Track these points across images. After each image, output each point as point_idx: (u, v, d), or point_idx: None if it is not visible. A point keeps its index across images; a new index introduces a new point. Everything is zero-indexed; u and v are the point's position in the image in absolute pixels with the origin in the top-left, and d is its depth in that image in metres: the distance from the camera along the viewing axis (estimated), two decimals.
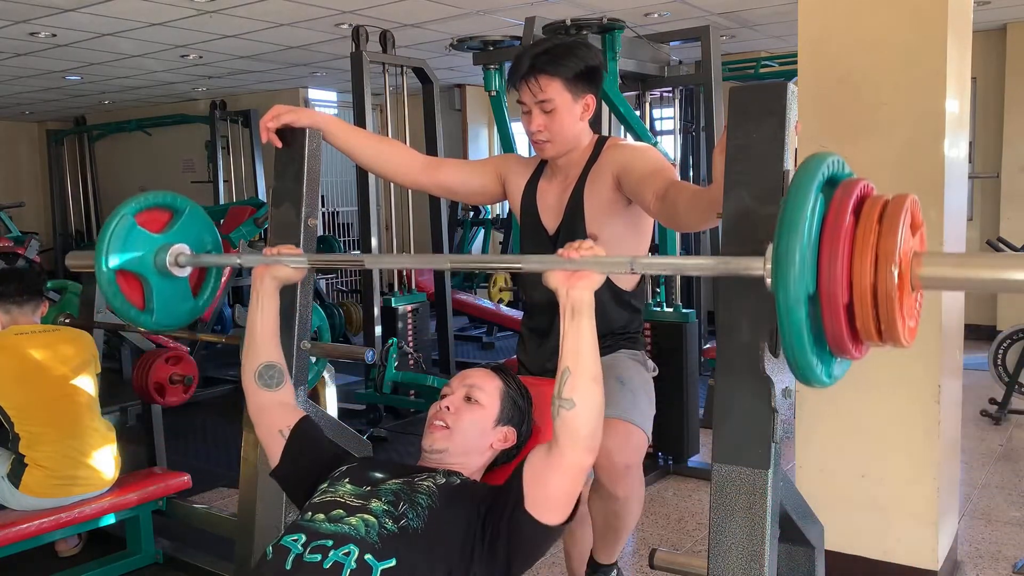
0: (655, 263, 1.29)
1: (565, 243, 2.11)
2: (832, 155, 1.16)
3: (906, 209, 1.08)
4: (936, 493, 2.59)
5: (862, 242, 1.07)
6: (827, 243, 1.07)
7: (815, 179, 1.10)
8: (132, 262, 1.88)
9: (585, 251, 1.40)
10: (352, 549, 1.43)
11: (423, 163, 2.24)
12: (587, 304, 1.42)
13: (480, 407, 1.72)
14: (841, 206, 1.09)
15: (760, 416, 1.33)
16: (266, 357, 1.77)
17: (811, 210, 1.07)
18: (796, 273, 1.05)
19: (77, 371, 2.81)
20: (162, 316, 1.95)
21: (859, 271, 1.07)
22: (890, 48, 2.55)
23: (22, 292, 2.88)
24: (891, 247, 1.06)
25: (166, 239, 1.93)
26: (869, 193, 1.14)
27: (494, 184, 2.26)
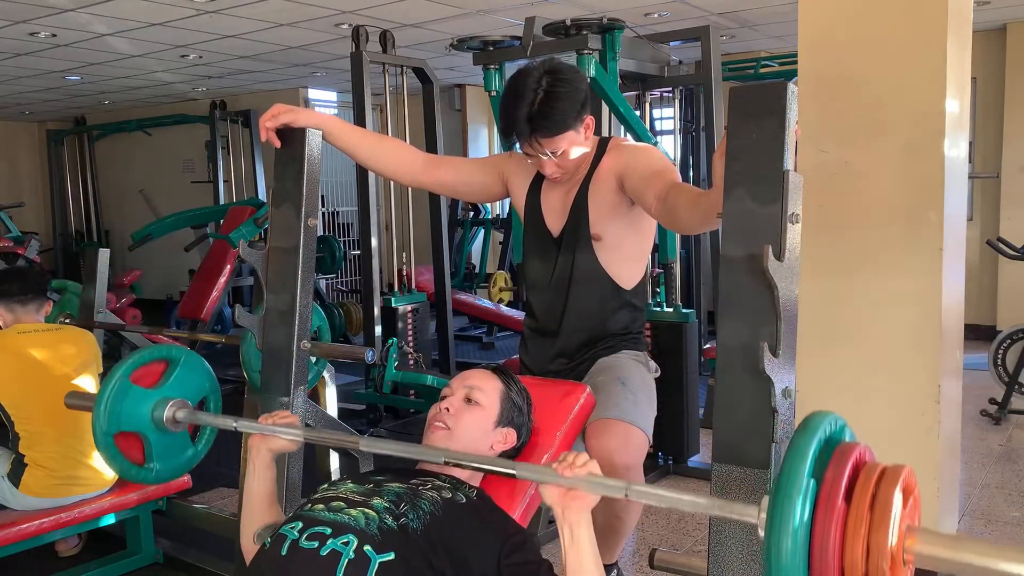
0: (649, 492, 1.29)
1: (570, 245, 2.11)
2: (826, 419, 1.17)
3: (897, 489, 1.09)
4: (936, 493, 2.59)
5: (853, 532, 1.07)
6: (818, 535, 1.08)
7: (806, 460, 1.10)
8: (130, 423, 1.87)
9: (579, 468, 1.34)
10: (351, 539, 1.42)
11: (424, 161, 2.24)
12: (585, 525, 1.38)
13: (480, 408, 1.71)
14: (832, 490, 1.09)
15: (760, 416, 1.33)
16: (264, 521, 1.73)
17: (802, 498, 1.07)
18: (787, 566, 1.06)
19: (79, 371, 2.81)
20: (162, 468, 1.96)
21: (851, 562, 1.07)
22: (890, 48, 2.55)
23: (26, 291, 2.89)
24: (882, 542, 1.06)
25: (162, 394, 1.92)
26: (863, 463, 1.15)
27: (496, 183, 2.26)
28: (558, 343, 2.20)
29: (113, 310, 4.91)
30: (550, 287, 2.19)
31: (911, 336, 2.61)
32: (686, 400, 3.80)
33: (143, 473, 1.94)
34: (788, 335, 1.32)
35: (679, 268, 4.11)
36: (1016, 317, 5.83)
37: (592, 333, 2.18)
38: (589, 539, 1.39)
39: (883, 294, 2.64)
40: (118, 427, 1.86)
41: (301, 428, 1.72)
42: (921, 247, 2.55)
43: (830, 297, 2.71)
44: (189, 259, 7.80)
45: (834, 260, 2.70)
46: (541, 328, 2.22)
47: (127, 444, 1.90)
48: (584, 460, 1.35)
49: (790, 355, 1.33)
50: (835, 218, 2.66)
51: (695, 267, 6.11)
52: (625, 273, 2.16)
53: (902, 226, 2.59)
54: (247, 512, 1.75)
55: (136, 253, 7.40)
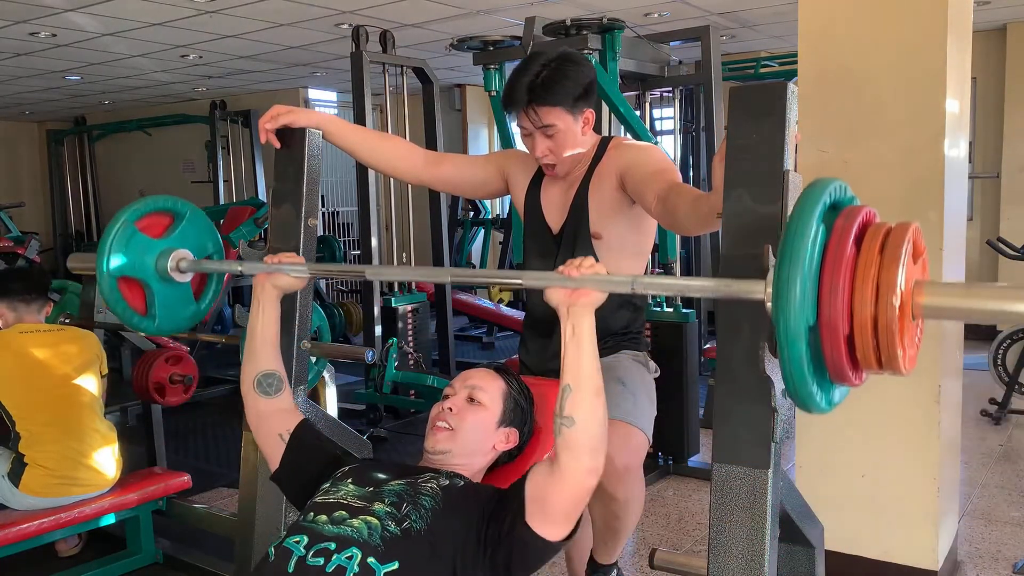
0: (657, 283, 1.28)
1: (569, 242, 2.12)
2: (835, 181, 1.16)
3: (908, 238, 1.08)
4: (936, 493, 2.59)
5: (863, 273, 1.06)
6: (828, 274, 1.07)
7: (816, 207, 1.09)
8: (133, 268, 1.87)
9: (586, 269, 1.38)
10: (355, 552, 1.43)
11: (424, 158, 2.24)
12: (587, 321, 1.41)
13: (482, 408, 1.71)
14: (843, 236, 1.08)
15: (760, 416, 1.33)
16: (265, 365, 1.76)
17: (812, 240, 1.06)
18: (797, 306, 1.05)
19: (80, 371, 2.81)
20: (164, 321, 1.94)
21: (860, 302, 1.06)
22: (890, 48, 2.55)
23: (29, 291, 2.90)
24: (892, 279, 1.05)
25: (167, 244, 1.92)
26: (871, 220, 1.14)
27: (497, 179, 2.26)
28: (556, 341, 2.19)
29: None
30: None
31: None
32: (686, 400, 3.80)
33: (145, 322, 1.92)
34: None
35: (679, 268, 4.11)
36: None
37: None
38: (590, 337, 1.42)
39: None
40: (121, 269, 1.84)
41: (306, 264, 1.74)
42: None
43: None
44: None
45: None
46: (540, 327, 2.22)
47: (130, 293, 1.89)
48: (591, 262, 1.39)
49: None
50: None
51: (695, 267, 6.11)
52: (626, 272, 2.15)
53: None
54: (249, 356, 1.77)
55: None
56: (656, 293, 1.25)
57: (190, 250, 1.95)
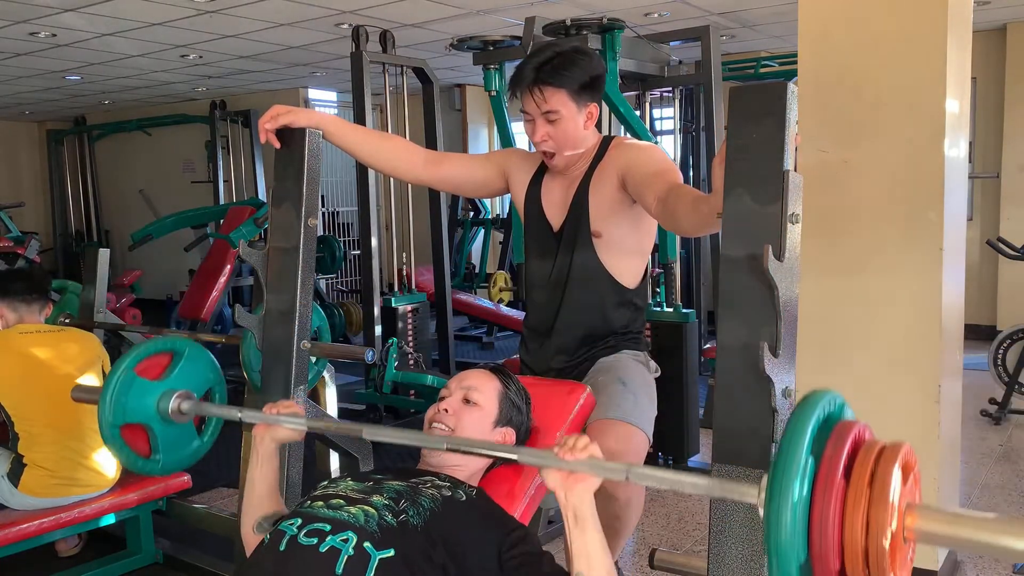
0: (651, 475, 1.29)
1: (570, 241, 2.10)
2: (825, 397, 1.16)
3: (897, 466, 1.09)
4: (936, 493, 2.59)
5: (852, 507, 1.07)
6: (817, 511, 1.07)
7: (804, 438, 1.09)
8: (135, 415, 1.87)
9: (580, 452, 1.33)
10: (351, 536, 1.41)
11: (424, 158, 2.24)
12: (588, 508, 1.37)
13: (479, 409, 1.71)
14: (831, 467, 1.08)
15: (760, 416, 1.33)
16: (266, 511, 1.73)
17: (800, 477, 1.07)
18: (786, 545, 1.05)
19: (80, 371, 2.81)
20: (168, 461, 1.96)
21: (850, 538, 1.06)
22: (890, 48, 2.55)
23: (30, 291, 2.90)
24: (882, 517, 1.05)
25: (167, 385, 1.92)
26: (861, 442, 1.14)
27: (497, 177, 2.26)
28: (555, 340, 2.19)
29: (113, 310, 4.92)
30: (549, 283, 2.18)
31: (911, 336, 2.61)
32: (686, 400, 3.80)
33: (149, 465, 1.93)
34: (788, 335, 1.32)
35: (679, 268, 4.11)
36: (1016, 317, 5.83)
37: (590, 330, 2.17)
38: (593, 521, 1.38)
39: (883, 294, 2.65)
40: (123, 419, 1.85)
41: (304, 417, 1.72)
42: (921, 247, 2.56)
43: (830, 297, 2.71)
44: (189, 259, 7.81)
45: (834, 260, 2.70)
46: (539, 326, 2.22)
47: (133, 436, 1.90)
48: (585, 443, 1.35)
49: (790, 355, 1.33)
50: (835, 218, 2.66)
51: (695, 267, 6.11)
52: (625, 271, 2.15)
53: (902, 226, 2.59)
54: (248, 502, 1.75)
55: (136, 253, 7.40)
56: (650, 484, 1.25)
57: (191, 387, 1.96)
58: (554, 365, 2.20)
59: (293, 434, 1.73)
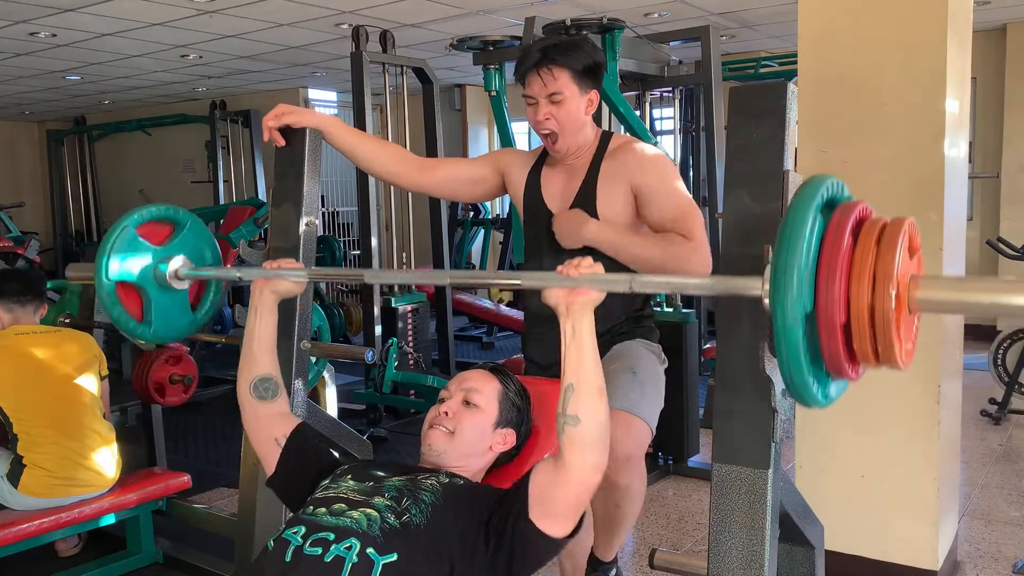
0: (655, 281, 1.29)
1: None
2: (831, 177, 1.16)
3: (904, 231, 1.08)
4: (936, 493, 2.59)
5: (860, 263, 1.07)
6: (825, 263, 1.07)
7: (814, 200, 1.10)
8: (132, 274, 1.87)
9: (584, 268, 1.39)
10: (354, 543, 1.42)
11: (420, 164, 2.25)
12: (587, 320, 1.42)
13: (479, 410, 1.71)
14: (839, 227, 1.09)
15: (760, 416, 1.33)
16: (262, 370, 1.76)
17: (810, 230, 1.07)
18: (794, 292, 1.05)
19: (78, 372, 2.81)
20: (161, 329, 1.95)
21: (857, 292, 1.06)
22: (890, 48, 2.55)
23: (25, 292, 2.89)
24: (889, 268, 1.06)
25: (167, 252, 1.92)
26: (867, 215, 1.14)
27: (494, 177, 2.25)
28: (557, 330, 2.15)
29: None
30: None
31: None
32: (686, 400, 3.80)
33: (141, 328, 1.92)
34: None
35: None
36: (1016, 317, 5.83)
37: (599, 314, 2.13)
38: (590, 334, 1.42)
39: None
40: (120, 275, 1.85)
41: (305, 270, 1.74)
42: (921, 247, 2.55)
43: None
44: None
45: None
46: (539, 318, 2.18)
47: (128, 298, 1.90)
48: (589, 262, 1.40)
49: None
50: None
51: None
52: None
53: None
54: (246, 360, 1.77)
55: None
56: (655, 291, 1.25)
57: (190, 259, 1.96)
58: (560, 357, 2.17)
59: (293, 286, 1.77)
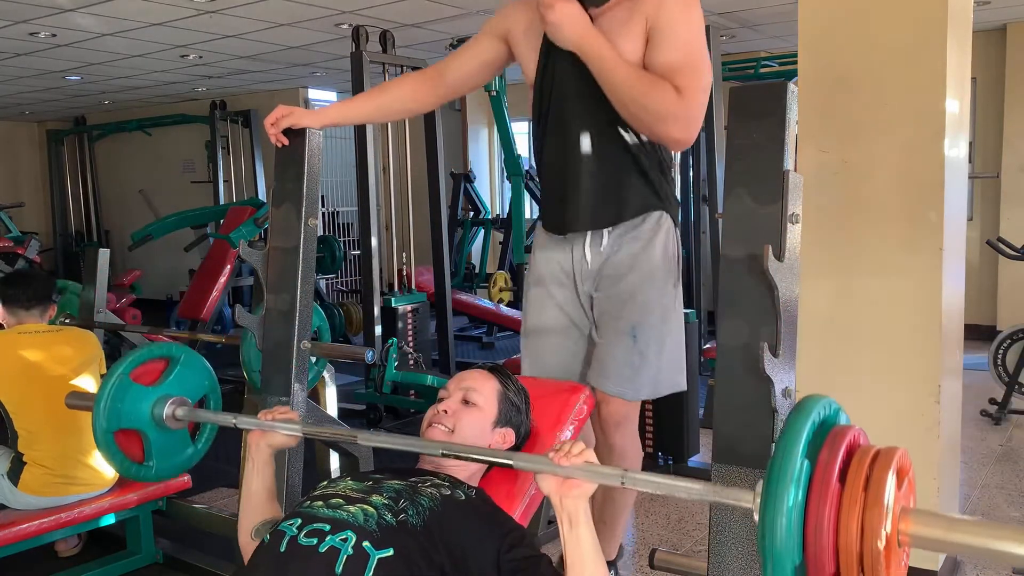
0: (645, 479, 1.29)
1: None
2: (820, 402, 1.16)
3: (892, 470, 1.09)
4: (936, 493, 2.59)
5: (848, 512, 1.07)
6: (813, 514, 1.08)
7: (799, 441, 1.10)
8: (130, 420, 1.88)
9: (575, 457, 1.34)
10: (350, 535, 1.41)
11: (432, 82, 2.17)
12: (583, 513, 1.37)
13: (478, 409, 1.71)
14: (827, 472, 1.09)
15: (760, 416, 1.33)
16: (263, 516, 1.73)
17: (796, 480, 1.07)
18: (782, 548, 1.06)
19: (77, 371, 2.81)
20: (161, 467, 1.96)
21: (845, 542, 1.07)
22: (890, 48, 2.55)
23: (31, 297, 2.90)
24: (876, 521, 1.06)
25: (162, 391, 1.93)
26: (856, 446, 1.14)
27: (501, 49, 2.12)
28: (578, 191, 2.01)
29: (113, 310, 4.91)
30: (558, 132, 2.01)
31: (911, 336, 2.61)
32: (686, 400, 3.79)
33: (143, 471, 1.94)
34: (788, 335, 1.32)
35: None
36: (1016, 317, 5.83)
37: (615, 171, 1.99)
38: (588, 527, 1.38)
39: (883, 294, 2.64)
40: (118, 424, 1.86)
41: (300, 423, 1.72)
42: (921, 247, 2.56)
43: (830, 297, 2.71)
44: (189, 259, 7.81)
45: (834, 260, 2.70)
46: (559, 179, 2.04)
47: (127, 442, 1.91)
48: (580, 448, 1.35)
49: (790, 355, 1.33)
50: (835, 218, 2.66)
51: (695, 267, 6.11)
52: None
53: (902, 226, 2.59)
54: (245, 508, 1.75)
55: (136, 253, 7.40)
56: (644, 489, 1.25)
57: (185, 393, 1.96)
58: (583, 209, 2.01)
59: (289, 440, 1.73)
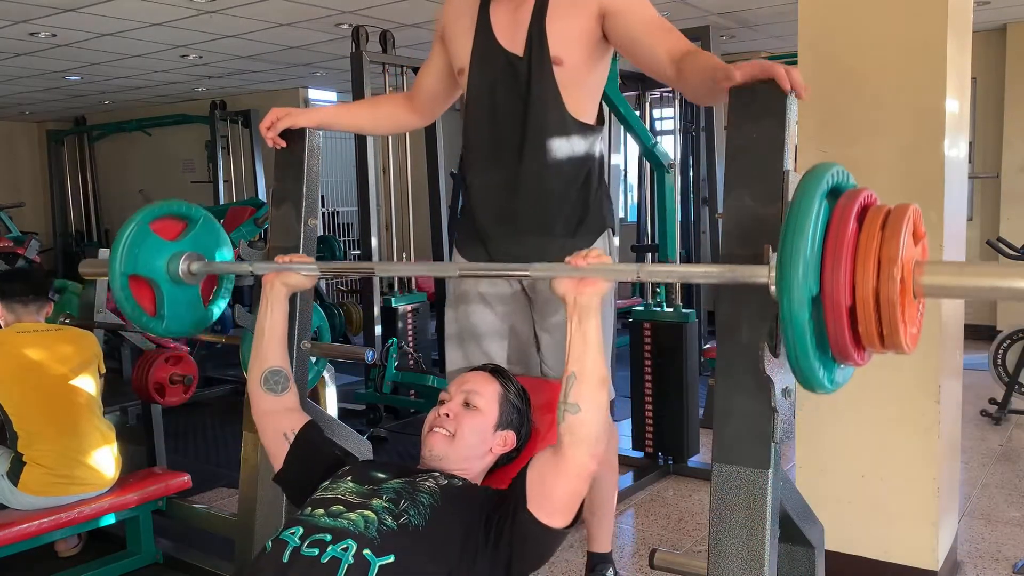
0: (661, 270, 1.31)
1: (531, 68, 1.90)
2: (835, 165, 1.18)
3: (908, 217, 1.10)
4: (936, 493, 2.59)
5: (865, 248, 1.08)
6: (831, 248, 1.09)
7: (820, 186, 1.11)
8: (145, 268, 1.90)
9: (592, 259, 1.42)
10: (350, 544, 1.42)
11: (413, 103, 2.21)
12: (594, 310, 1.44)
13: (479, 412, 1.71)
14: (845, 213, 1.10)
15: (760, 416, 1.33)
16: (272, 362, 1.78)
17: (815, 216, 1.08)
18: (800, 276, 1.06)
19: (77, 371, 2.81)
20: (172, 323, 1.96)
21: (862, 276, 1.08)
22: (890, 48, 2.55)
23: (28, 292, 2.90)
24: (893, 253, 1.07)
25: (180, 247, 1.95)
26: (872, 202, 1.16)
27: (445, 52, 2.10)
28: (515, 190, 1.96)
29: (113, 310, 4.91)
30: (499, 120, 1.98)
31: None
32: (686, 400, 3.79)
33: (153, 322, 1.94)
34: None
35: None
36: (1016, 317, 5.83)
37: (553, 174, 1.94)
38: (596, 325, 1.44)
39: None
40: (134, 268, 1.88)
41: (316, 264, 1.76)
42: None
43: None
44: None
45: None
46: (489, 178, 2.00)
47: (140, 292, 1.92)
48: (597, 253, 1.43)
49: None
50: None
51: None
52: (586, 109, 1.98)
53: None
54: (256, 353, 1.79)
55: None
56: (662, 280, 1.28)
57: (202, 255, 1.98)
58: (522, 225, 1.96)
59: (304, 280, 1.79)
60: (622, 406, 4.10)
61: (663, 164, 3.88)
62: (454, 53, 2.04)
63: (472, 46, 1.98)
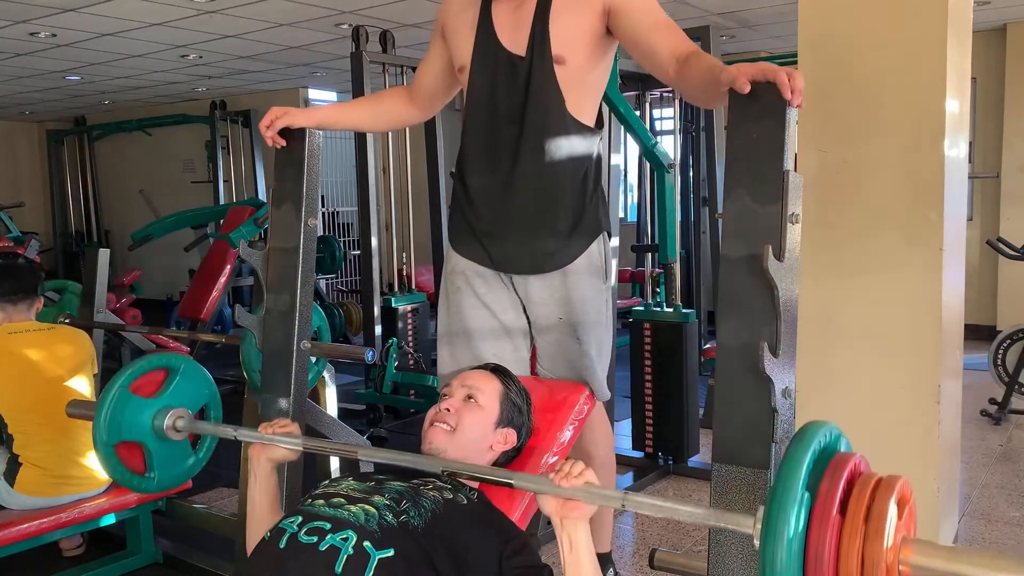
0: (647, 503, 1.30)
1: (532, 67, 1.90)
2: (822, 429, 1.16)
3: (892, 501, 1.09)
4: (936, 493, 2.59)
5: (848, 544, 1.07)
6: (813, 547, 1.08)
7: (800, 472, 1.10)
8: (130, 432, 1.87)
9: (575, 479, 1.34)
10: (350, 535, 1.41)
11: (414, 98, 2.21)
12: (583, 535, 1.38)
13: (480, 409, 1.71)
14: (827, 503, 1.09)
15: (760, 416, 1.33)
16: (267, 528, 1.70)
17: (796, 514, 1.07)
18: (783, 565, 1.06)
19: (72, 371, 2.80)
20: (163, 478, 1.96)
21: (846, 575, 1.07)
22: (890, 48, 2.55)
23: (16, 290, 2.85)
24: (877, 554, 1.06)
25: (162, 403, 1.92)
26: (858, 474, 1.14)
27: (445, 49, 2.11)
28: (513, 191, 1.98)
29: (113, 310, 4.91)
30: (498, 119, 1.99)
31: (911, 336, 2.61)
32: (686, 400, 3.79)
33: (144, 482, 1.94)
34: (788, 335, 1.32)
35: (679, 268, 4.11)
36: (1016, 317, 5.83)
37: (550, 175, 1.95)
38: (588, 548, 1.39)
39: (883, 294, 2.64)
40: (119, 437, 1.86)
41: (300, 437, 1.72)
42: (921, 247, 2.56)
43: (830, 297, 2.71)
44: (189, 259, 7.80)
45: (834, 260, 2.70)
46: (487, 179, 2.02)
47: (128, 453, 1.90)
48: (580, 469, 1.35)
49: (790, 355, 1.33)
50: (835, 218, 2.66)
51: (695, 267, 6.11)
52: (586, 109, 1.97)
53: (902, 226, 2.59)
54: (250, 521, 1.75)
55: (136, 253, 7.40)
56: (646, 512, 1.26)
57: (185, 403, 1.96)
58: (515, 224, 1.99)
59: (289, 454, 1.73)
60: (622, 406, 4.10)
61: (663, 164, 3.88)
62: (455, 51, 2.05)
63: (473, 45, 1.98)
